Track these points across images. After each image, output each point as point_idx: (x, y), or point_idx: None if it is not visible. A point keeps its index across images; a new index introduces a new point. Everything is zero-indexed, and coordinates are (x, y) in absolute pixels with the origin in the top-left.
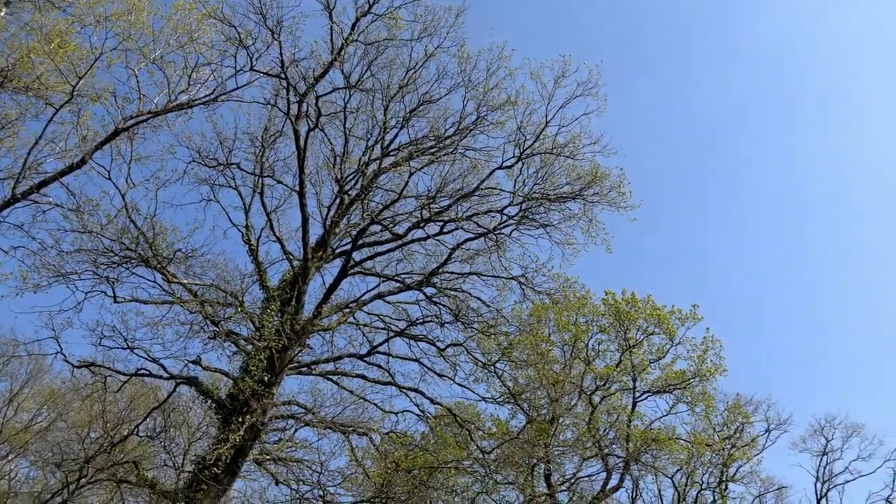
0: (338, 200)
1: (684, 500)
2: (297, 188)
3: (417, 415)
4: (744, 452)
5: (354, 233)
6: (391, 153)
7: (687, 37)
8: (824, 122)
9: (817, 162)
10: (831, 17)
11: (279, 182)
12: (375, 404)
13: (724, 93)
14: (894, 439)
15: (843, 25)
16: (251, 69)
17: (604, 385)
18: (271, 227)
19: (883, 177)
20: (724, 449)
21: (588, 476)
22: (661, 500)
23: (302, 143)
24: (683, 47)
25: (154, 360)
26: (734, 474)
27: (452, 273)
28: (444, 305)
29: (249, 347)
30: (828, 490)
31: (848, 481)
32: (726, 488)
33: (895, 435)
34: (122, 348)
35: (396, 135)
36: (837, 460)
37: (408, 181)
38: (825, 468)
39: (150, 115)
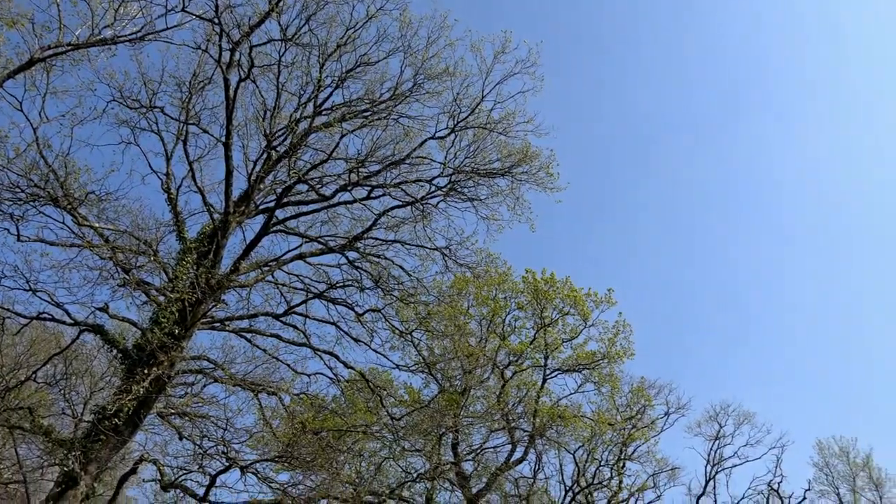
0: (265, 156)
1: (583, 475)
2: (223, 139)
3: (330, 378)
4: (643, 433)
5: (280, 190)
6: (324, 112)
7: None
8: (760, 111)
9: (745, 154)
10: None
11: (205, 131)
12: (288, 365)
13: (664, 85)
14: (781, 428)
15: (788, 15)
16: (183, 10)
17: (517, 361)
18: (193, 177)
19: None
20: (624, 429)
21: (494, 447)
22: (562, 475)
23: (231, 93)
24: (629, 37)
25: (58, 305)
26: (632, 453)
27: (376, 239)
28: (365, 271)
29: (161, 298)
30: (716, 473)
31: (735, 465)
32: (623, 466)
33: (782, 424)
34: (24, 290)
35: (330, 94)
36: (728, 445)
37: (338, 143)
38: (716, 452)
39: (70, 48)
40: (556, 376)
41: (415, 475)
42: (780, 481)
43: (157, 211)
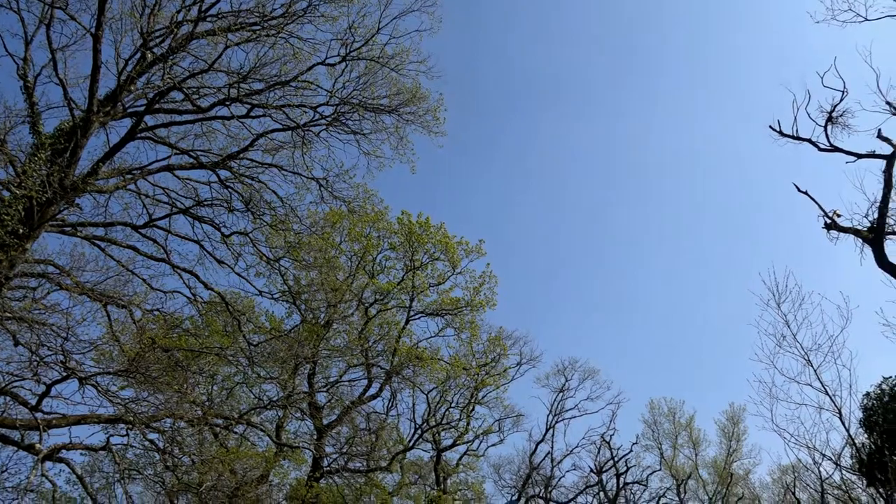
0: (139, 55)
1: (434, 415)
2: (92, 30)
3: (188, 297)
4: (495, 380)
5: (151, 95)
6: (209, 19)
7: None
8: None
9: (631, 120)
10: None
11: (73, 18)
12: (144, 280)
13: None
14: (620, 386)
15: None
16: None
17: (382, 299)
18: (55, 68)
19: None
20: (478, 375)
21: (350, 381)
22: (414, 413)
23: None
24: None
25: None
26: (482, 398)
27: (252, 161)
28: (236, 191)
29: (6, 193)
30: (556, 422)
31: (574, 417)
32: (473, 409)
33: (622, 383)
34: None
35: (218, 0)
36: (570, 398)
37: (221, 53)
38: (559, 403)
39: None
40: (419, 318)
41: (267, 402)
42: (612, 434)
43: (10, 98)
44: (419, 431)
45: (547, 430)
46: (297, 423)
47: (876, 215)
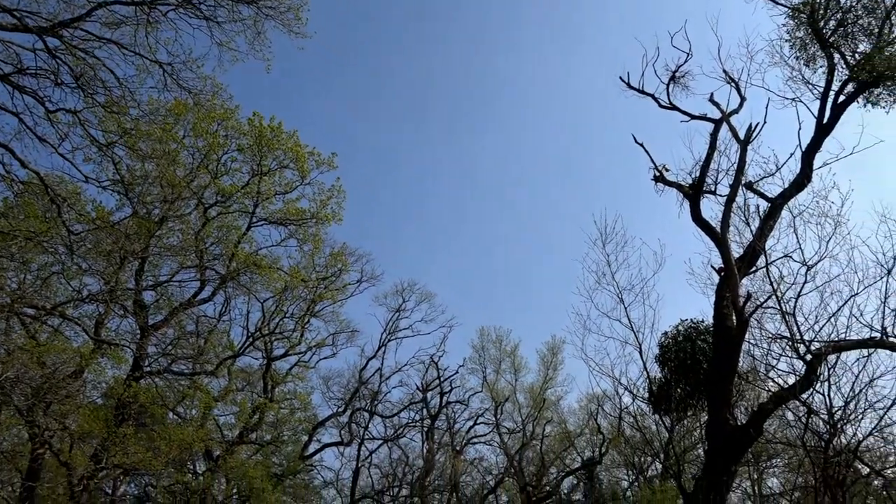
0: None
1: (267, 325)
2: None
3: (1, 175)
4: (332, 295)
5: None
6: None
7: None
8: None
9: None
10: None
11: None
12: None
13: None
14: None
15: None
16: None
17: (224, 202)
18: None
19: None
20: (317, 288)
21: (180, 282)
22: (248, 321)
23: None
24: None
25: None
26: (319, 311)
27: (88, 33)
28: (66, 64)
29: None
30: (389, 340)
31: (407, 337)
32: (308, 322)
33: (456, 309)
34: None
35: None
36: (405, 318)
37: None
38: (394, 322)
39: None
40: (261, 226)
41: (86, 295)
42: (441, 356)
43: None
44: (251, 339)
45: (379, 348)
46: (119, 320)
47: (698, 174)
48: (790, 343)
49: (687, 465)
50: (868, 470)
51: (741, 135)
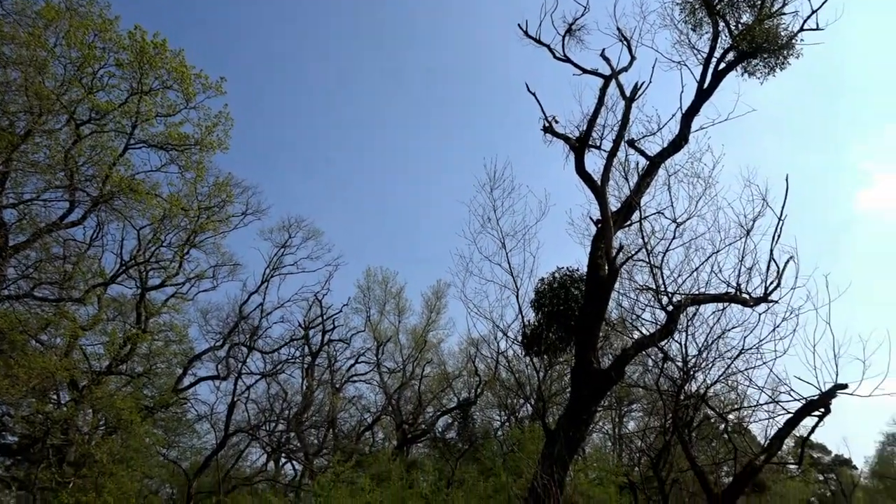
0: None
1: (143, 253)
2: None
3: None
4: (215, 226)
5: None
6: None
7: None
8: None
9: None
10: None
11: None
12: None
13: None
14: (341, 250)
15: None
16: None
17: (99, 120)
18: None
19: None
20: (198, 217)
21: (47, 201)
22: (122, 248)
23: None
24: None
25: None
26: (199, 242)
27: None
28: None
29: None
30: (273, 276)
31: (292, 273)
32: (188, 252)
33: (344, 247)
34: None
35: None
36: (290, 254)
37: None
38: (278, 258)
39: None
40: (140, 148)
41: None
42: (326, 294)
43: None
44: (124, 267)
45: (262, 283)
46: None
47: (585, 127)
48: (655, 294)
49: (556, 407)
50: (713, 414)
51: (627, 92)
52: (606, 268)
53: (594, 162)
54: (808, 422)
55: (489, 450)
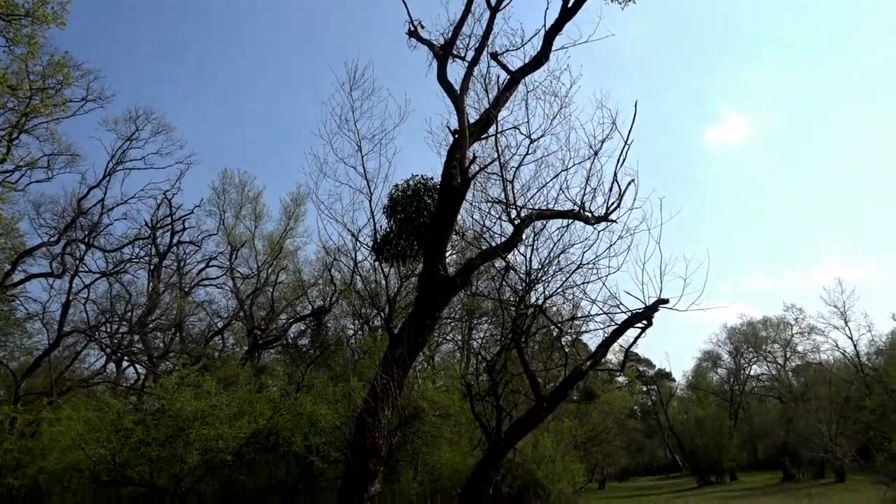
0: None
1: None
2: None
3: None
4: (50, 110)
5: None
6: None
7: None
8: None
9: None
10: None
11: None
12: None
13: None
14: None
15: None
16: None
17: None
18: None
19: None
20: (30, 98)
21: None
22: None
23: None
24: None
25: None
26: (31, 127)
27: None
28: None
29: None
30: (116, 170)
31: (138, 168)
32: (17, 137)
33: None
34: None
35: None
36: (137, 148)
37: None
38: (123, 151)
39: None
40: None
41: None
42: (176, 193)
43: None
44: None
45: (105, 177)
46: None
47: (450, 35)
48: (505, 207)
49: (405, 314)
50: (550, 324)
51: (493, 1)
52: (459, 178)
53: (457, 72)
54: (635, 333)
55: (341, 357)
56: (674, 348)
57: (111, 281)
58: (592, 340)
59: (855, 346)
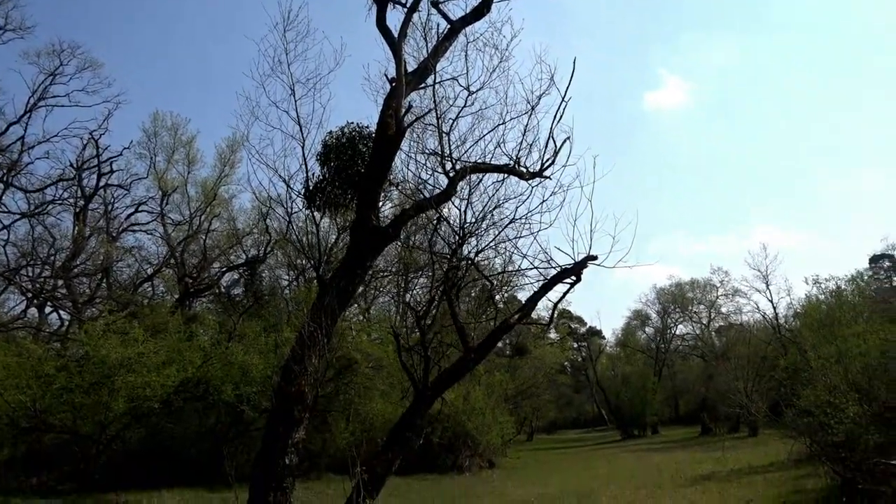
0: None
1: None
2: None
3: None
4: None
5: None
6: None
7: None
8: None
9: None
10: None
11: None
12: None
13: None
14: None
15: None
16: None
17: None
18: None
19: None
20: None
21: None
22: None
23: None
24: None
25: None
26: None
27: None
28: None
29: None
30: (37, 106)
31: (61, 106)
32: None
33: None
34: None
35: None
36: (61, 84)
37: None
38: (45, 87)
39: None
40: None
41: None
42: (104, 133)
43: None
44: None
45: (25, 113)
46: None
47: None
48: (440, 159)
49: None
50: (482, 278)
51: None
52: (394, 126)
53: (398, 18)
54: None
55: (274, 307)
56: (606, 307)
57: (33, 223)
58: (524, 296)
59: (774, 308)
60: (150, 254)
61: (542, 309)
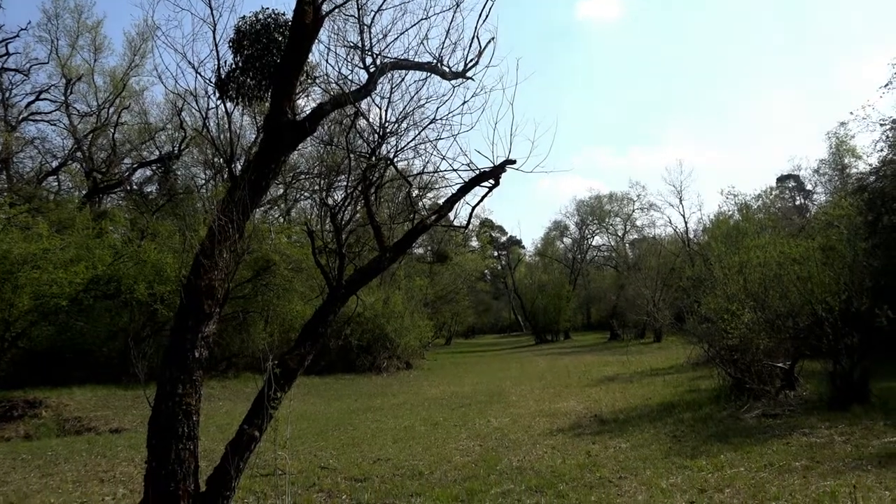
0: None
1: None
2: None
3: None
4: None
5: None
6: None
7: None
8: None
9: None
10: None
11: None
12: None
13: None
14: None
15: None
16: None
17: None
18: None
19: None
20: None
21: None
22: None
23: None
24: None
25: None
26: None
27: None
28: None
29: None
30: None
31: None
32: None
33: None
34: None
35: None
36: None
37: None
38: None
39: None
40: None
41: None
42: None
43: None
44: None
45: None
46: None
47: None
48: (360, 53)
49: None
50: (401, 178)
51: None
52: (312, 14)
53: None
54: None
55: (190, 205)
56: (528, 219)
57: None
58: (443, 199)
59: (686, 222)
60: (54, 146)
61: (464, 217)
